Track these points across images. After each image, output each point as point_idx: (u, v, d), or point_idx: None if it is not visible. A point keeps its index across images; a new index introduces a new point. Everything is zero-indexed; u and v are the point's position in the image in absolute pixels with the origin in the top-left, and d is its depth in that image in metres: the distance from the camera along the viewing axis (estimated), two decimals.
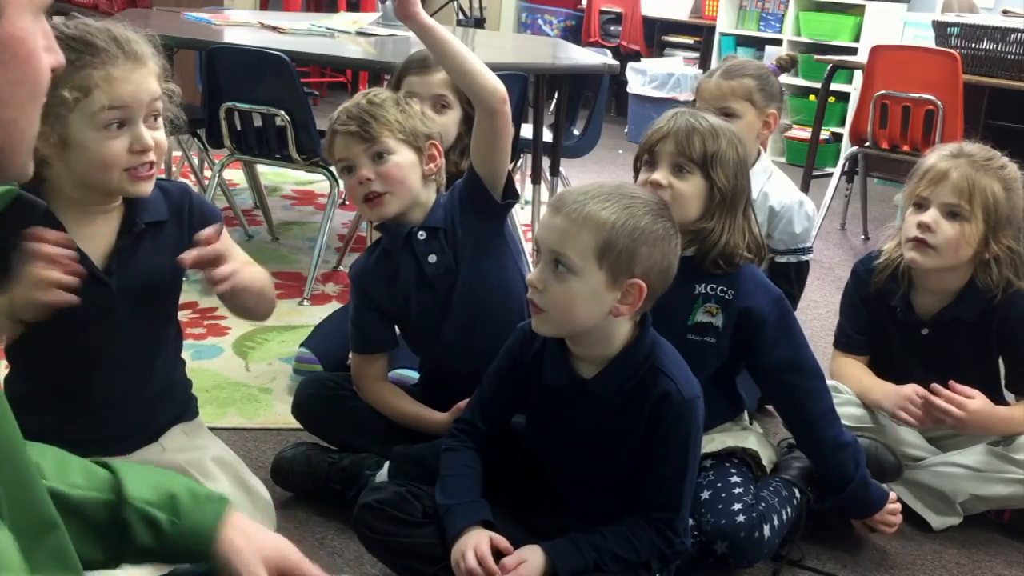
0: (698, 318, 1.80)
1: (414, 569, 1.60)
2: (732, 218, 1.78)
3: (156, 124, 1.53)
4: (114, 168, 1.49)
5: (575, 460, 1.63)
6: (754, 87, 2.34)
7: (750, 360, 1.85)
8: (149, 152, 1.50)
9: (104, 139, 1.47)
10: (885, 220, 4.72)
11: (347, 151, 1.85)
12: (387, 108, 1.86)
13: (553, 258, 1.46)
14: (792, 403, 1.84)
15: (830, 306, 3.37)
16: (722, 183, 1.74)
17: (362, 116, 1.83)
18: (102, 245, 1.57)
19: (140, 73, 1.49)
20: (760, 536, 1.73)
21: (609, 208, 1.44)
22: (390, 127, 1.84)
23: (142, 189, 1.53)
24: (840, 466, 1.82)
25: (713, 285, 1.79)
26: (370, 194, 1.84)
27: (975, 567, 1.93)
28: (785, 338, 1.80)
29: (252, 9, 5.96)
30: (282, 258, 3.44)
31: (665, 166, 1.76)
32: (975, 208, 1.93)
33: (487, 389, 1.69)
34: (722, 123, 1.81)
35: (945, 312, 2.04)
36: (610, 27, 7.24)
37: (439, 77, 2.29)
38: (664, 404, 1.51)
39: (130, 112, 1.48)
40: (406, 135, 1.86)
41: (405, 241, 1.89)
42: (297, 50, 3.10)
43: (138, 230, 1.58)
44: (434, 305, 1.90)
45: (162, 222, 1.61)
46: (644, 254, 1.45)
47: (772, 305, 1.80)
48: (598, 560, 1.51)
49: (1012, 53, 3.88)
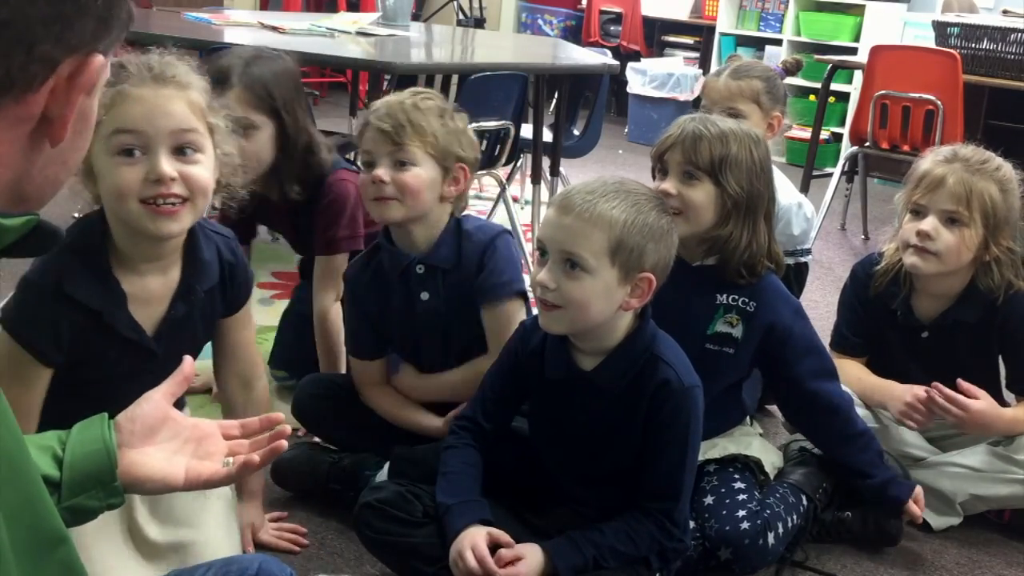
0: (718, 328, 1.79)
1: (414, 569, 1.60)
2: (752, 224, 1.76)
3: (192, 157, 1.39)
4: (127, 198, 1.36)
5: (576, 454, 1.63)
6: (761, 89, 2.34)
7: (775, 372, 1.86)
8: (167, 184, 1.36)
9: (117, 165, 1.36)
10: (885, 220, 4.72)
11: (373, 146, 1.77)
12: (429, 117, 1.76)
13: (565, 257, 1.47)
14: (820, 408, 1.85)
15: (830, 306, 3.36)
16: (733, 189, 1.73)
17: (399, 118, 1.74)
18: (155, 309, 1.49)
19: (162, 94, 1.38)
20: (764, 543, 1.72)
21: (619, 206, 1.46)
22: (424, 138, 1.75)
23: (165, 228, 1.39)
24: (872, 462, 1.86)
25: (735, 296, 1.78)
26: (380, 195, 1.78)
27: (975, 567, 1.93)
28: (809, 348, 1.83)
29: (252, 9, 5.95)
30: (282, 258, 3.44)
31: (674, 175, 1.76)
32: (973, 213, 1.94)
33: (489, 386, 1.70)
34: (736, 127, 1.79)
35: (946, 315, 2.04)
36: (610, 27, 7.24)
37: (234, 93, 1.99)
38: (664, 392, 1.52)
39: (145, 138, 1.36)
40: (437, 151, 1.76)
41: (404, 269, 1.83)
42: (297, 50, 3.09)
43: (196, 298, 1.51)
44: (417, 333, 1.88)
45: (214, 286, 1.55)
46: (652, 249, 1.48)
47: (794, 316, 1.81)
48: (598, 557, 1.52)
49: (1012, 53, 3.88)
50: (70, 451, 1.04)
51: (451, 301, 1.82)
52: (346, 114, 5.12)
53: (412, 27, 4.15)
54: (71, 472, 1.02)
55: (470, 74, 3.06)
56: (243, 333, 1.68)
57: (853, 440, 1.87)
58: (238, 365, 1.68)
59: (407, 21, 4.18)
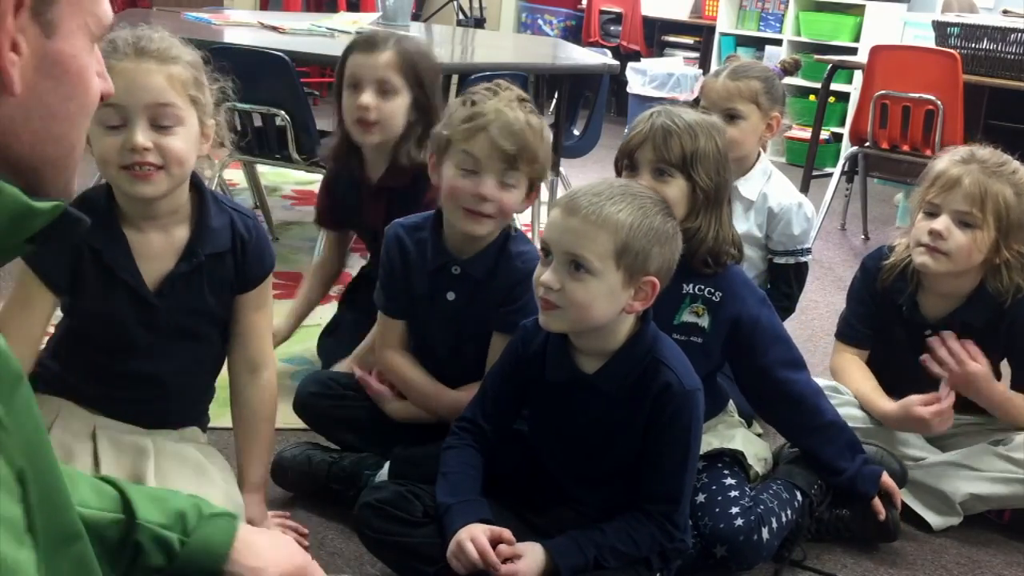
0: (684, 318, 1.81)
1: (414, 569, 1.60)
2: (717, 214, 1.79)
3: (170, 130, 1.49)
4: (109, 165, 1.49)
5: (577, 456, 1.63)
6: (760, 89, 2.34)
7: (742, 361, 1.86)
8: (141, 153, 1.47)
9: (102, 135, 1.47)
10: (885, 220, 4.74)
11: (484, 157, 1.70)
12: (541, 143, 1.74)
13: (570, 259, 1.47)
14: (786, 397, 1.86)
15: (830, 306, 3.37)
16: (704, 182, 1.75)
17: (523, 141, 1.70)
18: (160, 267, 1.59)
19: (142, 69, 1.47)
20: (759, 539, 1.72)
21: (625, 210, 1.47)
22: (535, 164, 1.74)
23: (140, 190, 1.50)
24: (840, 454, 1.86)
25: (701, 285, 1.80)
26: (479, 210, 1.72)
27: (975, 567, 1.93)
28: (776, 337, 1.85)
29: (252, 9, 5.96)
30: (282, 258, 3.42)
31: (646, 172, 1.76)
32: (987, 215, 1.94)
33: (490, 387, 1.70)
34: (699, 117, 1.80)
35: (953, 316, 2.04)
36: (610, 27, 7.24)
37: (385, 57, 2.15)
38: (665, 395, 1.53)
39: (124, 111, 1.46)
40: (535, 176, 1.76)
41: (442, 265, 1.82)
42: (297, 50, 3.10)
43: (197, 260, 1.59)
44: (433, 322, 1.88)
45: (223, 252, 1.62)
46: (657, 253, 1.49)
47: (760, 305, 1.83)
48: (599, 557, 1.52)
49: (1012, 53, 3.88)
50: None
51: (473, 308, 1.83)
52: None
53: (412, 27, 4.14)
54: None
55: (470, 74, 3.06)
56: (255, 316, 1.69)
57: (820, 431, 1.87)
58: (247, 350, 1.70)
59: (407, 21, 4.18)
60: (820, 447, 1.88)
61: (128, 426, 1.65)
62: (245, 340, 1.70)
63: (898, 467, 1.99)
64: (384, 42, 2.19)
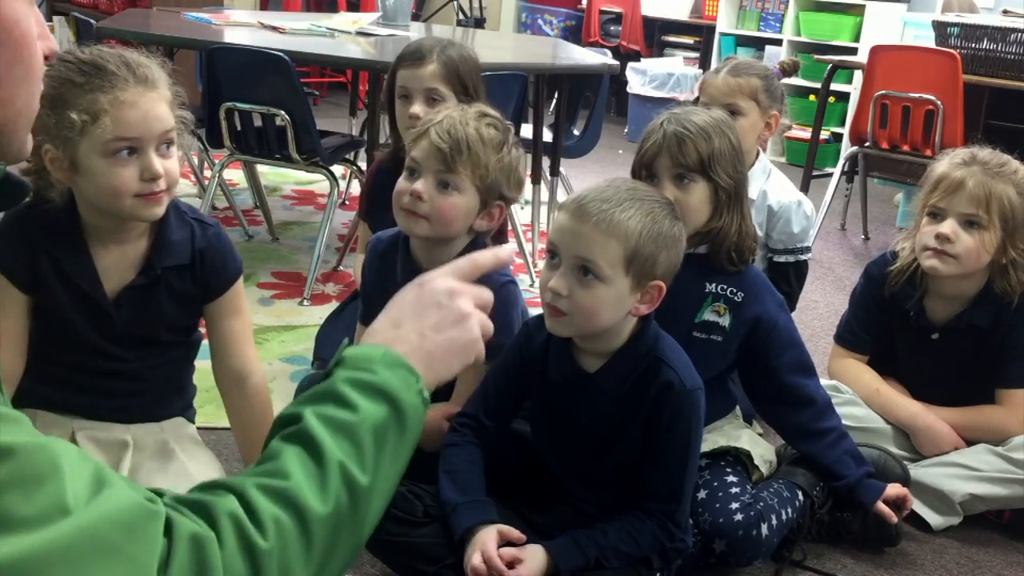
0: (705, 316, 1.81)
1: (414, 568, 1.59)
2: (740, 209, 1.79)
3: (168, 152, 1.52)
4: (124, 196, 1.49)
5: (578, 455, 1.63)
6: (760, 87, 2.35)
7: (754, 362, 1.86)
8: (159, 180, 1.49)
9: (113, 167, 1.47)
10: (885, 220, 4.74)
11: (422, 158, 1.69)
12: (488, 149, 1.70)
13: (579, 264, 1.46)
14: (792, 401, 1.86)
15: (830, 306, 3.37)
16: (724, 181, 1.76)
17: (459, 142, 1.67)
18: (119, 277, 1.59)
19: (149, 98, 1.48)
20: (758, 534, 1.73)
21: (635, 216, 1.46)
22: (475, 169, 1.69)
23: (154, 213, 1.53)
24: (841, 460, 1.87)
25: (724, 285, 1.81)
26: (413, 209, 1.71)
27: (975, 567, 1.94)
28: (791, 341, 1.86)
29: (252, 9, 5.96)
30: (282, 258, 3.44)
31: (667, 180, 1.76)
32: (992, 216, 1.95)
33: (492, 384, 1.70)
34: (708, 117, 1.79)
35: (960, 318, 2.05)
36: (610, 27, 7.24)
37: (430, 69, 2.23)
38: (666, 394, 1.53)
39: (139, 141, 1.47)
40: (483, 185, 1.70)
41: (410, 276, 1.79)
42: (297, 50, 3.10)
43: (155, 274, 1.60)
44: None
45: (183, 266, 1.62)
46: (664, 257, 1.49)
47: (779, 309, 1.85)
48: (600, 557, 1.52)
49: (1012, 53, 3.88)
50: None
51: None
52: (346, 114, 5.12)
53: (412, 27, 4.15)
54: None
55: None
56: (231, 322, 1.69)
57: (822, 435, 1.87)
58: (230, 359, 1.69)
59: (407, 21, 4.18)
60: (822, 452, 1.88)
61: (107, 424, 1.65)
62: (225, 348, 1.69)
63: (900, 470, 1.99)
64: (429, 53, 2.25)
